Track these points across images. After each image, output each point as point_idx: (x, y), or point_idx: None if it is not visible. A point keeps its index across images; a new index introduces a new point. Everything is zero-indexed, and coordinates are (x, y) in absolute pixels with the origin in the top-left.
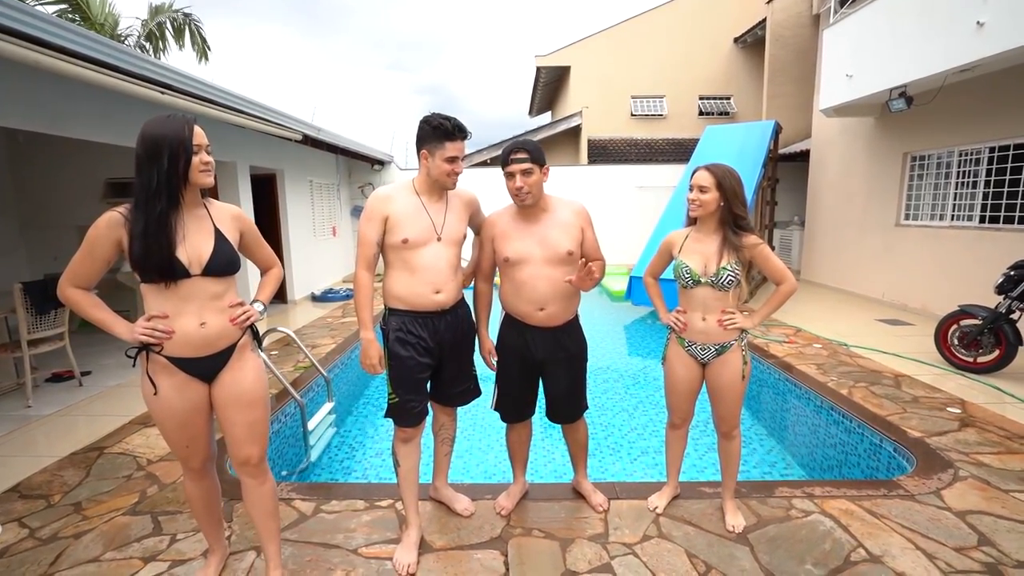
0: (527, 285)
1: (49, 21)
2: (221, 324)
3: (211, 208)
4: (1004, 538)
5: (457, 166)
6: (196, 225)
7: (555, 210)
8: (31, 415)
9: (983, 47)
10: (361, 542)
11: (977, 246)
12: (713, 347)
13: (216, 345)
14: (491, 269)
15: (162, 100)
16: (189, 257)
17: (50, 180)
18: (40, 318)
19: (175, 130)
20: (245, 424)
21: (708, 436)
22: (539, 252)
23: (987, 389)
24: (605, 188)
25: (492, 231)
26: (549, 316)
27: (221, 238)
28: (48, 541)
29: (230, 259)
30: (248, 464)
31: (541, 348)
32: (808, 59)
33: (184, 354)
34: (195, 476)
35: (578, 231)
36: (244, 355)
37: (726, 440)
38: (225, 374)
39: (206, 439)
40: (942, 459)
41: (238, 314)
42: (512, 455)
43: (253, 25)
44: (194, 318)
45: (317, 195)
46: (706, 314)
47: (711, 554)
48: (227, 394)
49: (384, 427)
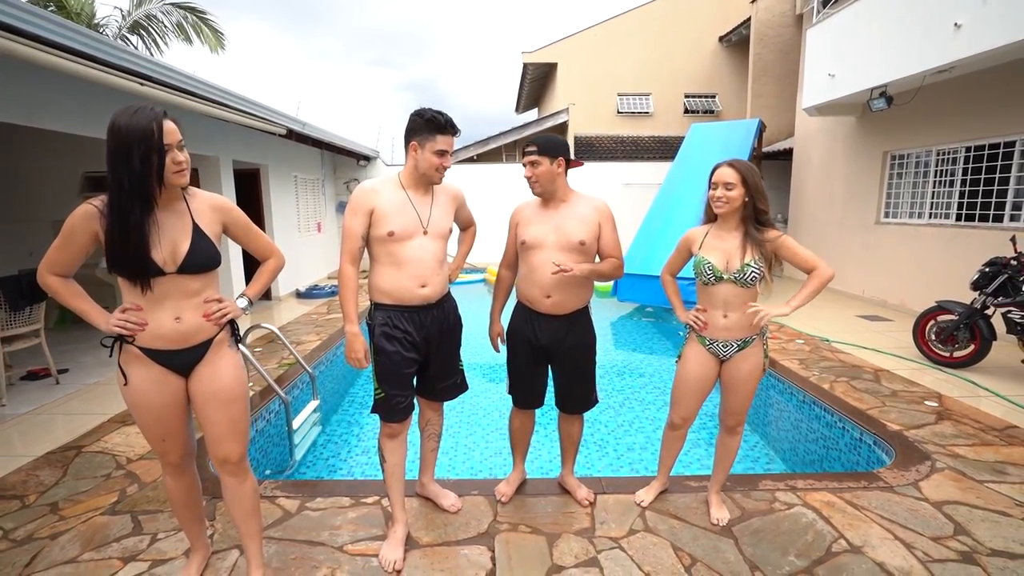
0: (538, 270)
1: (23, 8)
2: (197, 320)
3: (191, 201)
4: (978, 527)
5: (446, 160)
6: (173, 222)
7: (575, 203)
8: (6, 414)
9: (960, 49)
10: (347, 539)
11: (954, 243)
12: (735, 343)
13: (191, 339)
14: (514, 256)
15: (141, 91)
16: (164, 256)
17: (24, 173)
18: (14, 315)
19: (143, 128)
20: (224, 421)
21: (694, 432)
22: (553, 238)
23: (962, 383)
24: (591, 185)
25: (517, 218)
26: (555, 304)
27: (199, 234)
28: (23, 542)
29: (207, 256)
30: (228, 463)
31: (546, 335)
32: (791, 58)
33: (157, 346)
34: (174, 471)
35: (595, 225)
36: (221, 350)
37: (729, 435)
38: (201, 368)
39: (183, 433)
40: (920, 451)
41: (213, 310)
42: (513, 442)
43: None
44: (169, 313)
45: (302, 191)
46: (728, 311)
47: (696, 547)
48: (204, 389)
49: (370, 425)
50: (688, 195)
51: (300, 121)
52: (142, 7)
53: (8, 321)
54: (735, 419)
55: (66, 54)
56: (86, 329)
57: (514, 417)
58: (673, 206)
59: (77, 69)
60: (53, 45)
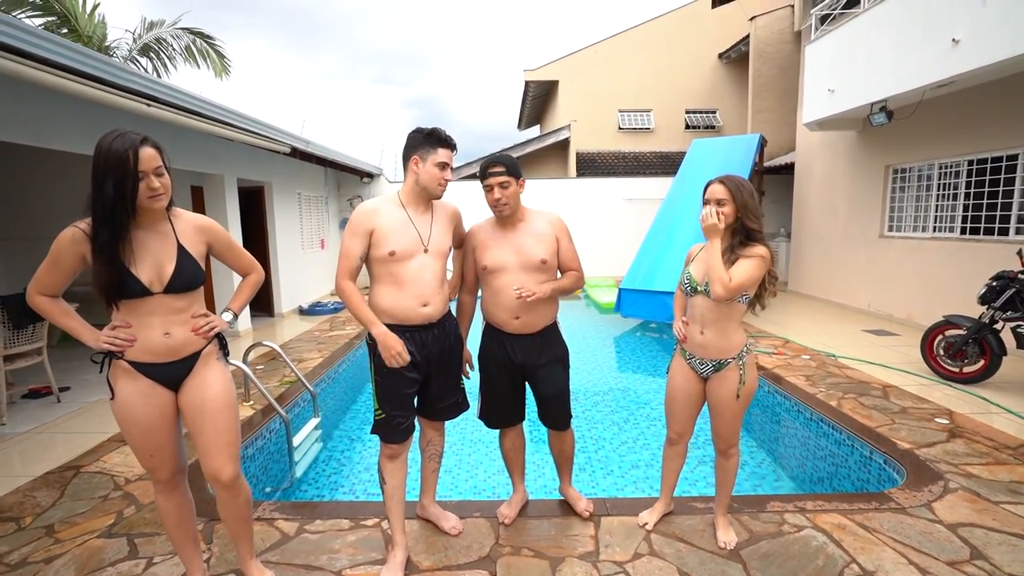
0: (503, 293)
1: (33, 33)
2: (185, 334)
3: (176, 222)
4: (996, 551)
5: (447, 173)
6: (159, 244)
7: (531, 220)
8: (6, 432)
9: (958, 63)
10: (345, 563)
11: (959, 257)
12: (711, 363)
13: (180, 352)
14: (474, 281)
15: (148, 112)
16: (150, 277)
17: (30, 192)
18: (17, 333)
19: (119, 154)
20: (213, 433)
21: (699, 448)
22: (515, 260)
23: (973, 399)
24: (593, 201)
25: (473, 241)
26: (524, 324)
27: (184, 255)
28: (17, 567)
29: (192, 276)
30: (219, 480)
31: (520, 353)
32: (791, 74)
33: (147, 360)
34: (165, 490)
35: (553, 241)
36: (209, 362)
37: (723, 458)
38: (190, 380)
39: (172, 449)
40: (932, 471)
41: (201, 324)
42: (508, 464)
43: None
44: (158, 330)
45: (305, 208)
46: (704, 327)
47: (703, 571)
48: (192, 400)
49: (371, 442)
50: (690, 210)
51: (304, 139)
52: (153, 30)
53: (11, 339)
54: (723, 442)
55: (73, 76)
56: (88, 347)
57: (503, 438)
58: (675, 221)
59: (84, 90)
60: (60, 67)
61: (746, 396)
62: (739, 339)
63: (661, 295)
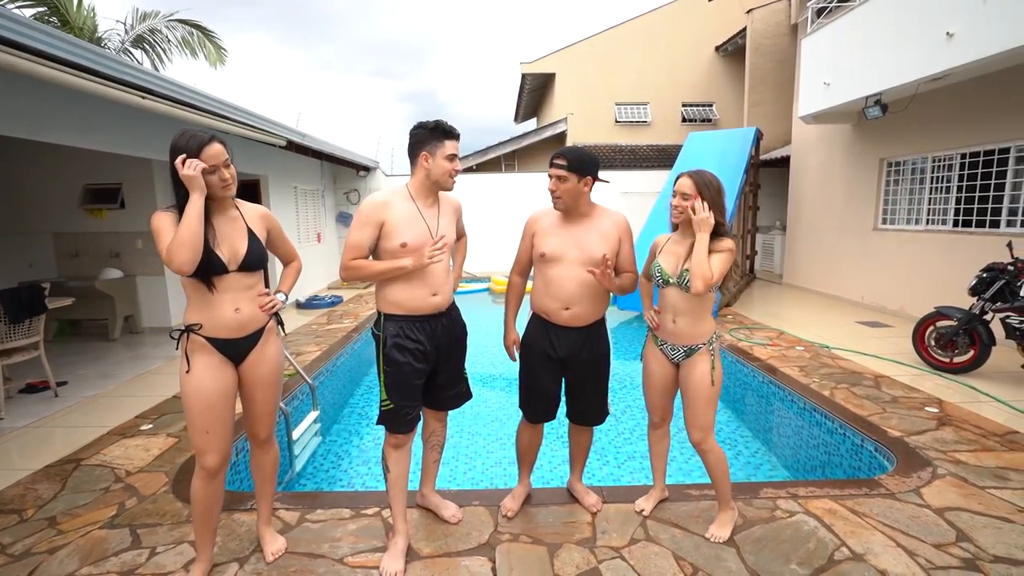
0: (556, 283)
1: (25, 24)
2: (252, 310)
3: (242, 209)
4: (981, 534)
5: (456, 164)
6: (231, 227)
7: (597, 218)
8: (4, 427)
9: (953, 57)
10: (347, 551)
11: (951, 249)
12: (682, 348)
13: (248, 328)
14: (527, 264)
15: (143, 104)
16: (228, 256)
17: (25, 185)
18: (14, 327)
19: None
20: (265, 401)
21: None
22: (575, 253)
23: (963, 388)
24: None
25: (535, 227)
26: (574, 316)
27: (254, 237)
28: (20, 557)
29: (261, 255)
30: (258, 437)
31: (564, 347)
32: (787, 67)
33: (221, 335)
34: (207, 476)
35: (615, 241)
36: (271, 338)
37: (702, 455)
38: (253, 354)
39: (227, 429)
40: (921, 458)
41: (265, 302)
42: (520, 456)
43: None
44: (230, 306)
45: (302, 201)
46: (676, 316)
47: (698, 556)
48: (254, 374)
49: (370, 436)
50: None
51: (300, 132)
52: (146, 21)
53: (7, 334)
54: (696, 432)
55: (68, 68)
56: (85, 341)
57: (523, 431)
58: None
59: (78, 83)
60: (55, 59)
61: (718, 382)
62: (709, 326)
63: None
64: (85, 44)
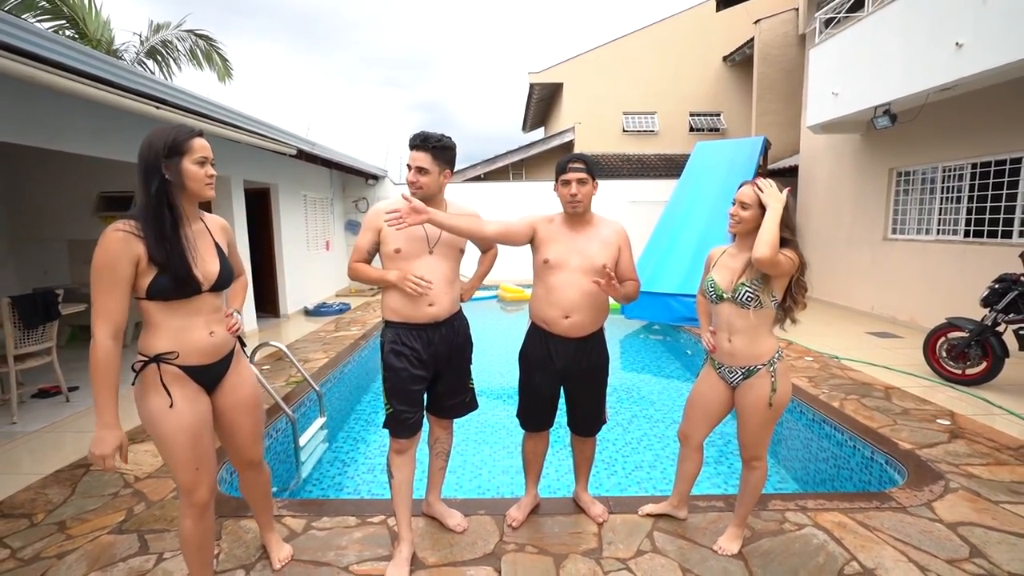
0: (558, 290)
1: (45, 36)
2: (223, 332)
3: (206, 220)
4: (995, 549)
5: (411, 174)
6: (202, 241)
7: (598, 226)
8: (16, 431)
9: (962, 67)
10: (352, 559)
11: (962, 260)
12: (740, 370)
13: (222, 351)
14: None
15: (157, 115)
16: (201, 275)
17: (40, 193)
18: (28, 333)
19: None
20: (250, 425)
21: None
22: (577, 261)
23: (976, 401)
24: (597, 203)
25: (541, 233)
26: (573, 325)
27: (221, 252)
28: (30, 561)
29: (231, 273)
30: (251, 462)
31: (563, 357)
32: (795, 77)
33: (195, 362)
34: (198, 513)
35: (615, 249)
36: (241, 360)
37: (746, 470)
38: (227, 379)
39: (213, 460)
40: (933, 471)
41: (233, 322)
42: (526, 466)
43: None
44: (204, 329)
45: (311, 209)
46: (731, 335)
47: (705, 569)
48: (233, 399)
49: (376, 443)
50: (694, 212)
51: (310, 141)
52: (159, 33)
53: (21, 339)
54: (747, 452)
55: (85, 79)
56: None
57: (527, 440)
58: (679, 223)
59: (95, 94)
60: (73, 71)
61: (778, 405)
62: (770, 345)
63: (665, 297)
64: (100, 55)
